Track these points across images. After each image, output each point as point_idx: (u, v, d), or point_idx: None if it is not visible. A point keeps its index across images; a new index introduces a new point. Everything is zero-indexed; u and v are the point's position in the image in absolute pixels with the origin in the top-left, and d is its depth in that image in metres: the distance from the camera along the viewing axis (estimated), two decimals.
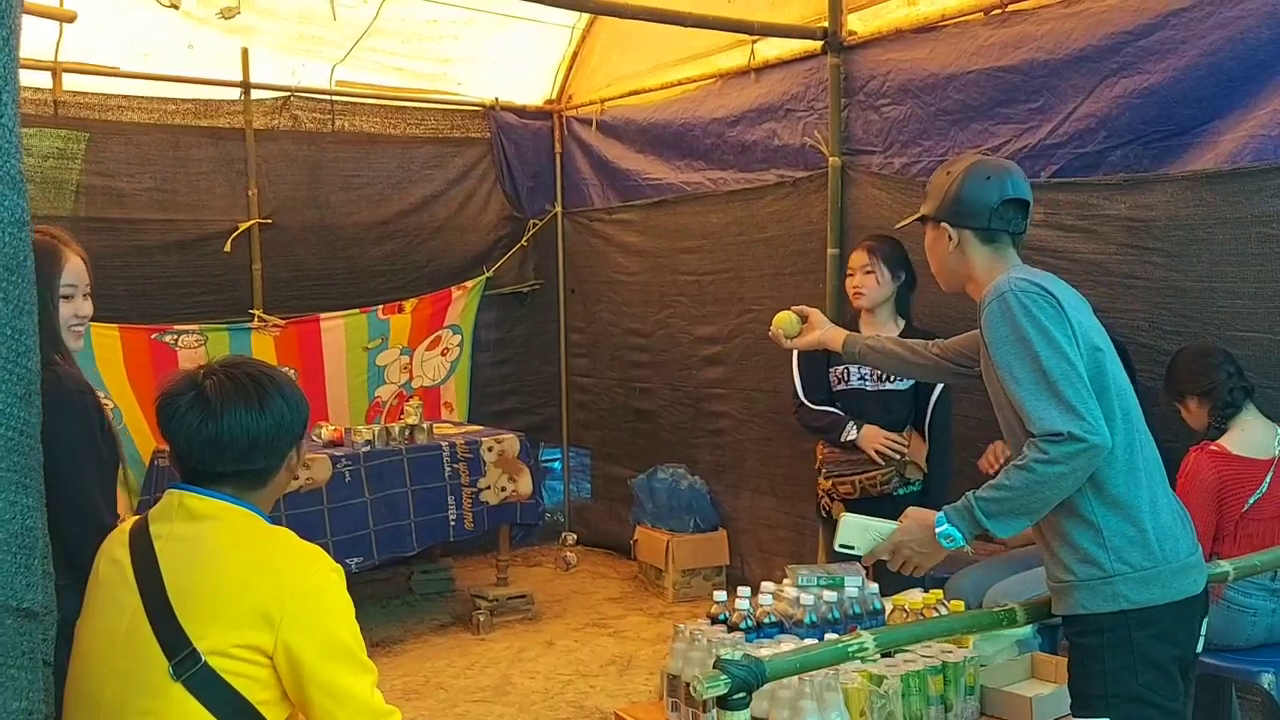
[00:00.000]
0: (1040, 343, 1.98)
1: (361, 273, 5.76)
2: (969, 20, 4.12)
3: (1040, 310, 2.01)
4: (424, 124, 5.95)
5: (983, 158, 2.30)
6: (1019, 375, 2.00)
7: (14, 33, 1.00)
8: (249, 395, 1.69)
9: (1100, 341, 2.09)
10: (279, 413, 1.71)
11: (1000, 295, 2.05)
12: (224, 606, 1.59)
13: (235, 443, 1.68)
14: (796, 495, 5.00)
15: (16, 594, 1.02)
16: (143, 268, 5.19)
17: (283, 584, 1.62)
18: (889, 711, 2.34)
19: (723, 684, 1.73)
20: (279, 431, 1.72)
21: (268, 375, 1.76)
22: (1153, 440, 2.14)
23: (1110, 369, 2.07)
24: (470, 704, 4.09)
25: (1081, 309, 2.12)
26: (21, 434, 1.02)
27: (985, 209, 2.18)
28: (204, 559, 1.63)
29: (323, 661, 1.62)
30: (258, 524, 1.71)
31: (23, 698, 1.03)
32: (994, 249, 2.21)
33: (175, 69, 5.14)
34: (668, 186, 5.64)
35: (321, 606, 1.65)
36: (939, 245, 2.27)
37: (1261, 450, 3.01)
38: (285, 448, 1.76)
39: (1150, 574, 2.01)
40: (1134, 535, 2.02)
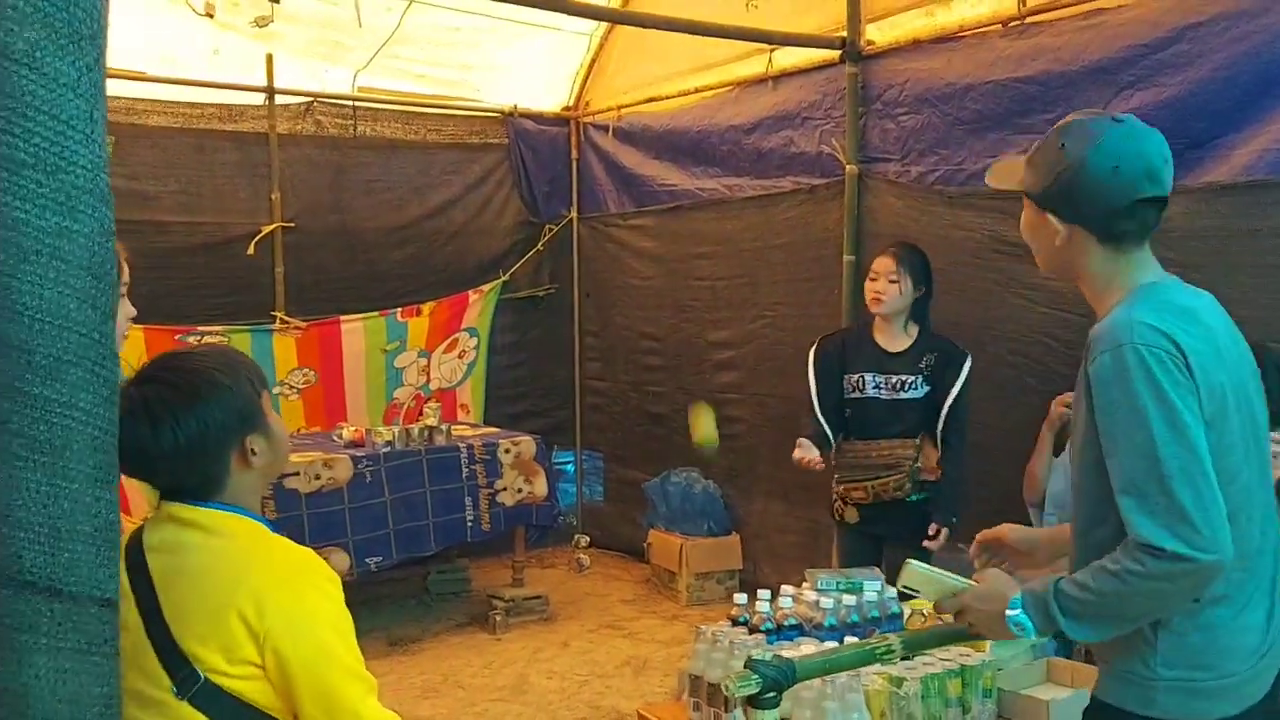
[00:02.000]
0: (1159, 422, 1.57)
1: (381, 276, 5.83)
2: (987, 31, 4.17)
3: (1166, 376, 1.58)
4: (444, 130, 6.01)
5: (1112, 126, 1.71)
6: (1124, 461, 1.60)
7: (103, 54, 1.06)
8: (139, 417, 1.54)
9: (1235, 400, 1.67)
10: (168, 437, 1.55)
11: (1118, 347, 1.62)
12: (214, 625, 1.53)
13: (144, 461, 1.57)
14: (809, 500, 5.04)
15: (100, 585, 1.07)
16: (167, 269, 5.26)
17: (266, 595, 1.54)
18: (909, 713, 2.39)
19: (754, 683, 1.78)
20: (184, 450, 1.56)
21: (165, 394, 1.57)
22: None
23: (1238, 441, 1.67)
24: (489, 702, 4.14)
25: (1218, 361, 1.67)
26: (106, 434, 1.08)
27: (1107, 210, 1.70)
28: (191, 574, 1.56)
29: (310, 667, 1.53)
30: (247, 531, 1.62)
31: (104, 683, 1.09)
32: (1117, 250, 1.74)
33: (201, 74, 5.22)
34: (684, 193, 5.70)
35: (306, 612, 1.56)
36: (1042, 231, 1.80)
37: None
38: (215, 454, 1.60)
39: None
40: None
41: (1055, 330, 3.89)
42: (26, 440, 1.02)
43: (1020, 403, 3.98)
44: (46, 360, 1.03)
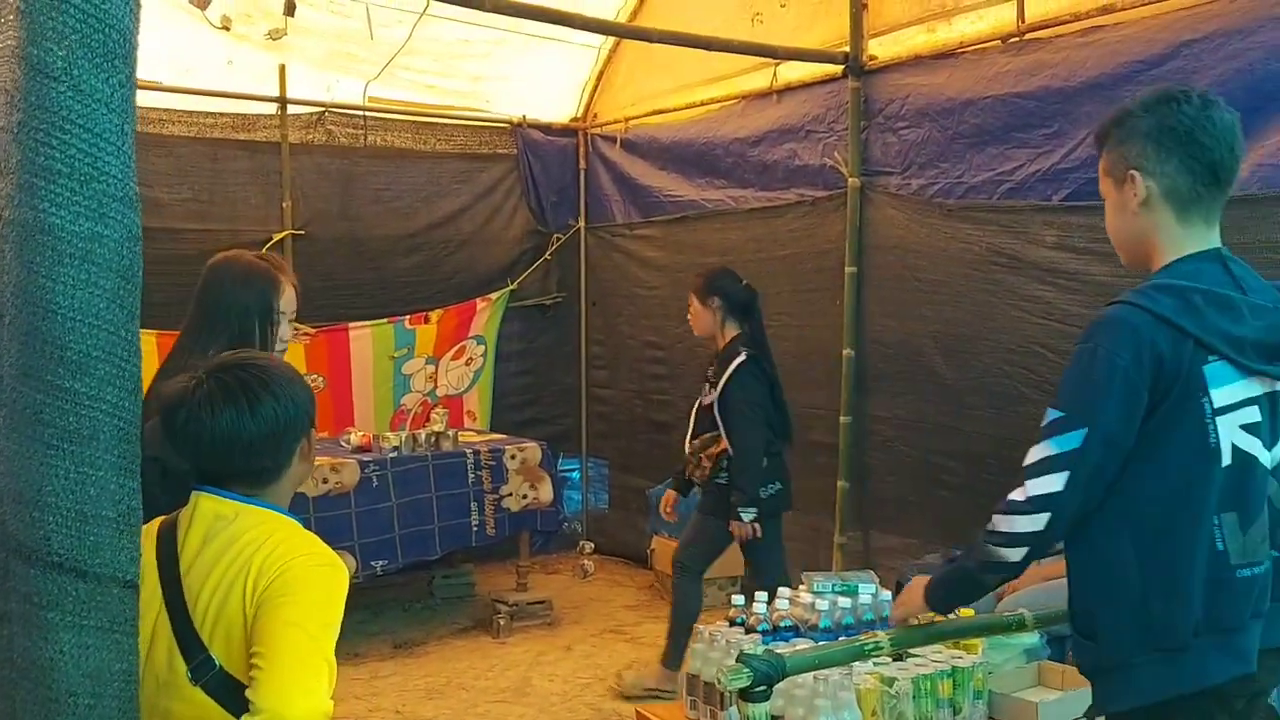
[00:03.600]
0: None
1: (390, 284, 5.91)
2: (987, 48, 4.24)
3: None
4: (453, 140, 6.10)
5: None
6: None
7: (133, 71, 1.14)
8: (238, 399, 1.66)
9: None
10: (269, 414, 1.67)
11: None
12: (226, 613, 1.58)
13: (231, 447, 1.66)
14: (809, 507, 5.09)
15: (122, 568, 1.14)
16: (179, 276, 5.27)
17: (275, 558, 1.60)
18: (899, 712, 2.44)
19: (745, 676, 1.84)
20: (275, 431, 1.69)
21: (258, 376, 1.71)
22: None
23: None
24: (491, 704, 4.20)
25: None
26: (130, 425, 1.15)
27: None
28: (214, 564, 1.62)
29: (274, 620, 1.54)
30: (268, 527, 1.68)
31: (124, 660, 1.16)
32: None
33: (215, 84, 5.31)
34: (689, 203, 5.78)
35: (305, 580, 1.60)
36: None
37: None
38: (289, 444, 1.73)
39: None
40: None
41: (1050, 341, 3.96)
42: (57, 430, 1.09)
43: (1015, 412, 4.05)
44: (77, 356, 1.10)
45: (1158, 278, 1.77)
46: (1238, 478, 1.72)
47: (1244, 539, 1.72)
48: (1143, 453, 1.71)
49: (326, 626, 1.59)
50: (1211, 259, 1.78)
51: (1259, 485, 1.75)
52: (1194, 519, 1.70)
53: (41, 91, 1.05)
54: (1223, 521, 1.71)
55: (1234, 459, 1.72)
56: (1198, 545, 1.70)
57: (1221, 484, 1.71)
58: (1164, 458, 1.71)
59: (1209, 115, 1.77)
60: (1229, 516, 1.71)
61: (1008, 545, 1.77)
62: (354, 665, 4.58)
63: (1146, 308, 1.70)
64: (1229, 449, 1.71)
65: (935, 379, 4.46)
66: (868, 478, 4.82)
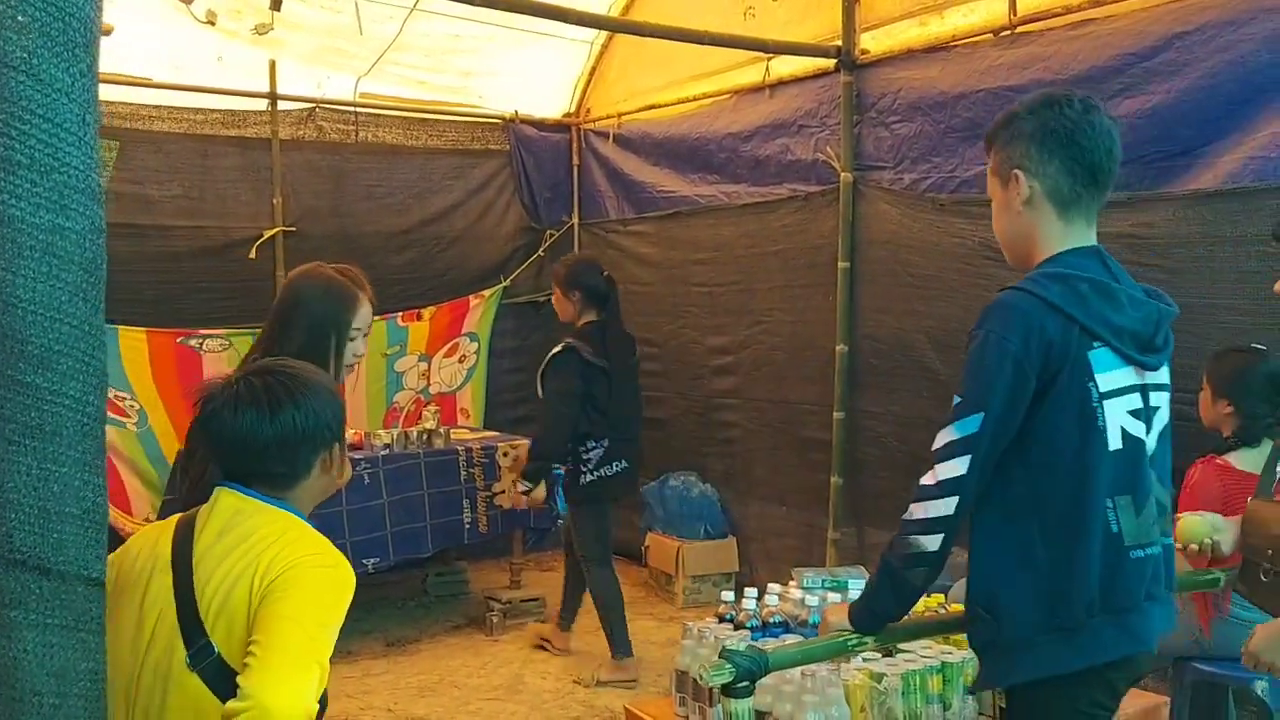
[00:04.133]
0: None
1: (382, 280, 5.76)
2: (979, 41, 4.23)
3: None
4: (445, 136, 6.08)
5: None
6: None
7: (95, 61, 1.12)
8: (259, 403, 1.73)
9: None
10: (287, 421, 1.73)
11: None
12: (231, 603, 1.61)
13: (247, 449, 1.72)
14: (805, 504, 5.09)
15: (87, 565, 1.13)
16: (170, 273, 5.33)
17: (284, 554, 1.64)
18: (888, 707, 2.43)
19: (728, 673, 1.83)
20: (290, 438, 1.73)
21: (285, 384, 1.76)
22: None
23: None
24: (483, 701, 4.19)
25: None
26: (94, 420, 1.14)
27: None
28: (226, 555, 1.66)
29: (275, 612, 1.57)
30: (283, 525, 1.72)
31: (90, 658, 1.14)
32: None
33: (205, 80, 5.29)
34: (682, 199, 5.76)
35: (297, 577, 1.61)
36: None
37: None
38: (306, 454, 1.77)
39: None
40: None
41: None
42: (19, 425, 1.08)
43: None
44: (39, 350, 1.09)
45: (1045, 267, 1.85)
46: (1128, 461, 1.79)
47: (1137, 521, 1.78)
48: (1040, 437, 1.77)
49: (325, 627, 1.61)
50: (1091, 254, 1.87)
51: (1147, 469, 1.82)
52: (1089, 501, 1.76)
53: (1, 82, 1.04)
54: (1117, 504, 1.77)
55: (1124, 443, 1.78)
56: (1093, 527, 1.76)
57: (1113, 467, 1.77)
58: (1058, 442, 1.76)
59: (1089, 119, 1.85)
60: (1123, 499, 1.78)
61: (926, 532, 1.81)
62: (347, 663, 4.56)
63: (1035, 293, 1.77)
64: (1118, 433, 1.78)
65: (928, 374, 4.44)
66: (861, 473, 4.81)
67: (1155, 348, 1.85)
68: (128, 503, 5.09)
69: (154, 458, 5.20)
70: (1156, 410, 1.87)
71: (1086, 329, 1.76)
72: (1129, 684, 1.89)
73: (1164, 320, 1.88)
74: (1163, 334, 1.88)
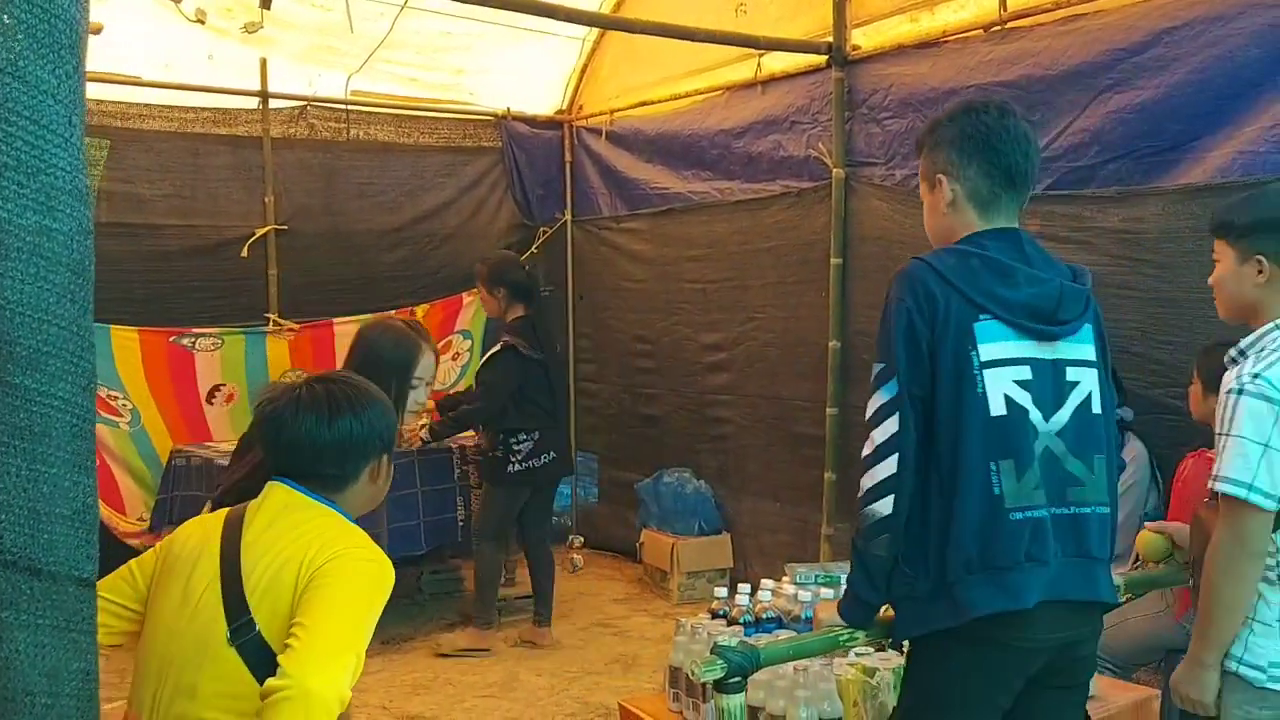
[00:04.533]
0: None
1: (375, 278, 5.88)
2: (969, 37, 4.24)
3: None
4: (437, 133, 6.08)
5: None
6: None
7: (82, 62, 1.12)
8: (320, 408, 1.85)
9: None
10: (344, 428, 1.84)
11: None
12: (279, 584, 1.70)
13: (303, 449, 1.84)
14: (798, 500, 5.10)
15: (78, 565, 1.13)
16: (161, 272, 5.32)
17: (330, 547, 1.73)
18: (881, 702, 2.44)
19: (719, 668, 1.84)
20: (344, 445, 1.84)
21: (346, 393, 1.88)
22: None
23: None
24: (477, 699, 4.19)
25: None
26: (83, 421, 1.14)
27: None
28: (275, 541, 1.75)
29: (330, 596, 1.65)
30: (332, 519, 1.82)
31: (82, 659, 1.14)
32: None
33: (195, 79, 5.29)
34: (675, 196, 5.76)
35: (353, 571, 1.71)
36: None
37: None
38: (357, 460, 1.87)
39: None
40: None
41: None
42: (8, 427, 1.07)
43: None
44: (28, 352, 1.09)
45: (954, 245, 1.97)
46: (1011, 428, 1.85)
47: (1018, 484, 1.84)
48: (932, 400, 1.87)
49: (364, 617, 1.69)
50: (1003, 236, 1.96)
51: (1030, 437, 1.86)
52: (967, 463, 1.84)
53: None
54: (1000, 467, 1.84)
55: (1007, 410, 1.85)
56: (975, 488, 1.84)
57: (995, 432, 1.85)
58: (942, 405, 1.86)
59: (1004, 124, 1.96)
60: (1005, 463, 1.84)
61: (877, 498, 1.89)
62: None
63: (930, 262, 1.91)
64: (1000, 400, 1.85)
65: None
66: (854, 468, 4.79)
67: (1057, 321, 1.91)
68: (120, 502, 5.09)
69: (147, 456, 5.19)
70: (1075, 385, 1.92)
71: (971, 300, 1.86)
72: (1038, 651, 1.89)
73: (1067, 296, 1.92)
74: (1068, 309, 1.92)
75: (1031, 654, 1.89)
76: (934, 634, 1.92)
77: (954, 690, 1.92)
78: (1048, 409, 1.89)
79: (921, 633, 1.93)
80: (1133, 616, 3.23)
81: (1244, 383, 1.97)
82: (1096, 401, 1.94)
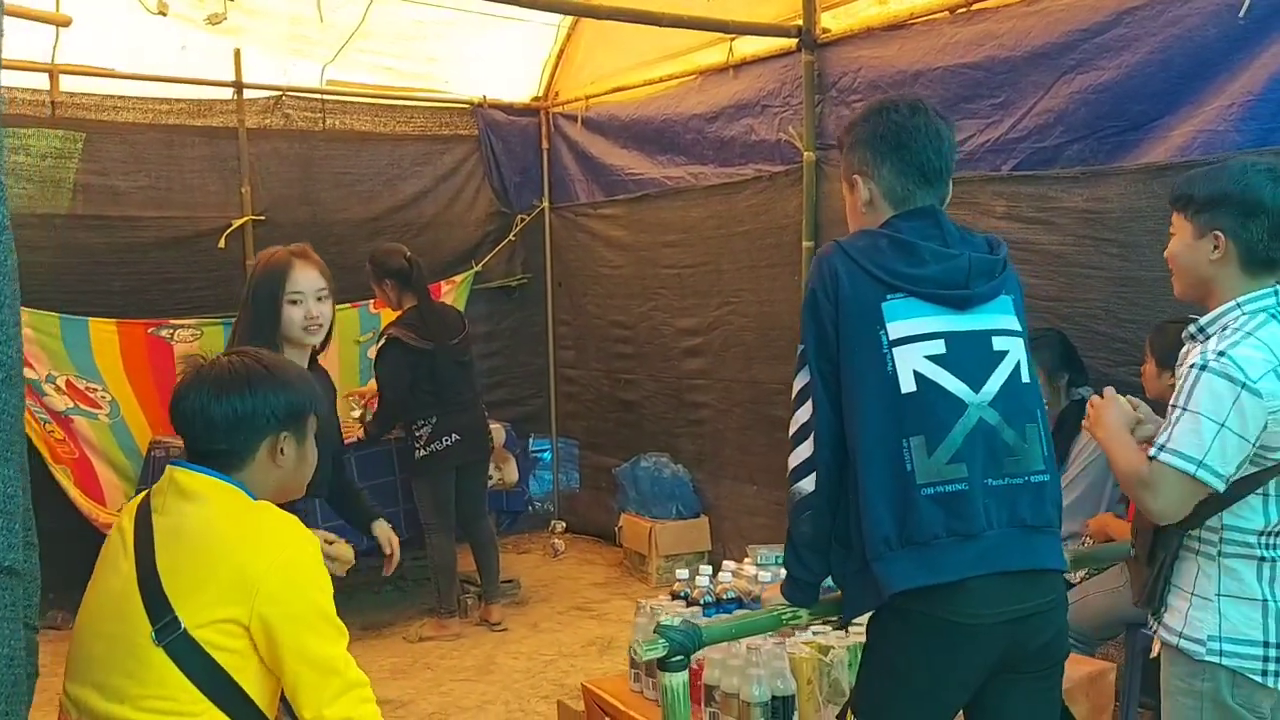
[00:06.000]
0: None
1: (353, 268, 5.80)
2: (935, 19, 4.24)
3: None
4: (413, 122, 6.07)
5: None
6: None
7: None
8: (212, 382, 1.84)
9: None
10: (234, 403, 1.82)
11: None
12: (203, 581, 1.68)
13: (195, 421, 1.83)
14: (775, 482, 5.13)
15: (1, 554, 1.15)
16: (139, 264, 5.33)
17: (258, 558, 1.71)
18: (834, 679, 2.48)
19: (661, 647, 1.87)
20: (235, 419, 1.82)
21: (246, 368, 1.86)
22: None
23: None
24: (455, 683, 4.23)
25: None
26: (8, 412, 1.16)
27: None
28: (189, 533, 1.74)
29: (297, 629, 1.70)
30: (238, 499, 1.81)
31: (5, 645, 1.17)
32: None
33: (169, 70, 5.27)
34: (650, 181, 5.77)
35: (296, 577, 1.72)
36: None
37: None
38: (248, 436, 1.84)
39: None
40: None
41: None
42: None
43: None
44: None
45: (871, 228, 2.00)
46: (922, 404, 1.87)
47: (930, 460, 1.86)
48: (843, 380, 1.91)
49: (325, 613, 1.75)
50: (918, 215, 1.97)
51: (945, 412, 1.87)
52: (882, 441, 1.87)
53: None
54: (911, 444, 1.86)
55: (918, 386, 1.87)
56: (887, 465, 1.86)
57: (906, 410, 1.86)
58: (855, 386, 1.89)
59: (915, 122, 1.97)
60: (916, 440, 1.86)
61: (800, 477, 1.94)
62: None
63: (841, 244, 1.96)
64: (910, 377, 1.87)
65: None
66: None
67: (970, 293, 1.92)
68: (101, 494, 5.10)
69: (127, 448, 5.20)
70: (1003, 355, 1.93)
71: (879, 279, 1.89)
72: (985, 627, 1.86)
73: (977, 268, 1.93)
74: (980, 281, 1.93)
75: (979, 630, 1.86)
76: (880, 612, 1.93)
77: (899, 668, 1.93)
78: (975, 381, 1.89)
79: (857, 611, 1.97)
80: (1094, 592, 3.28)
81: (1208, 359, 1.94)
82: (1025, 370, 1.96)
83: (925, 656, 1.89)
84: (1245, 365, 1.91)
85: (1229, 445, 1.91)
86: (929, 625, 1.88)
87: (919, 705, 1.92)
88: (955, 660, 1.89)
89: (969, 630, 1.87)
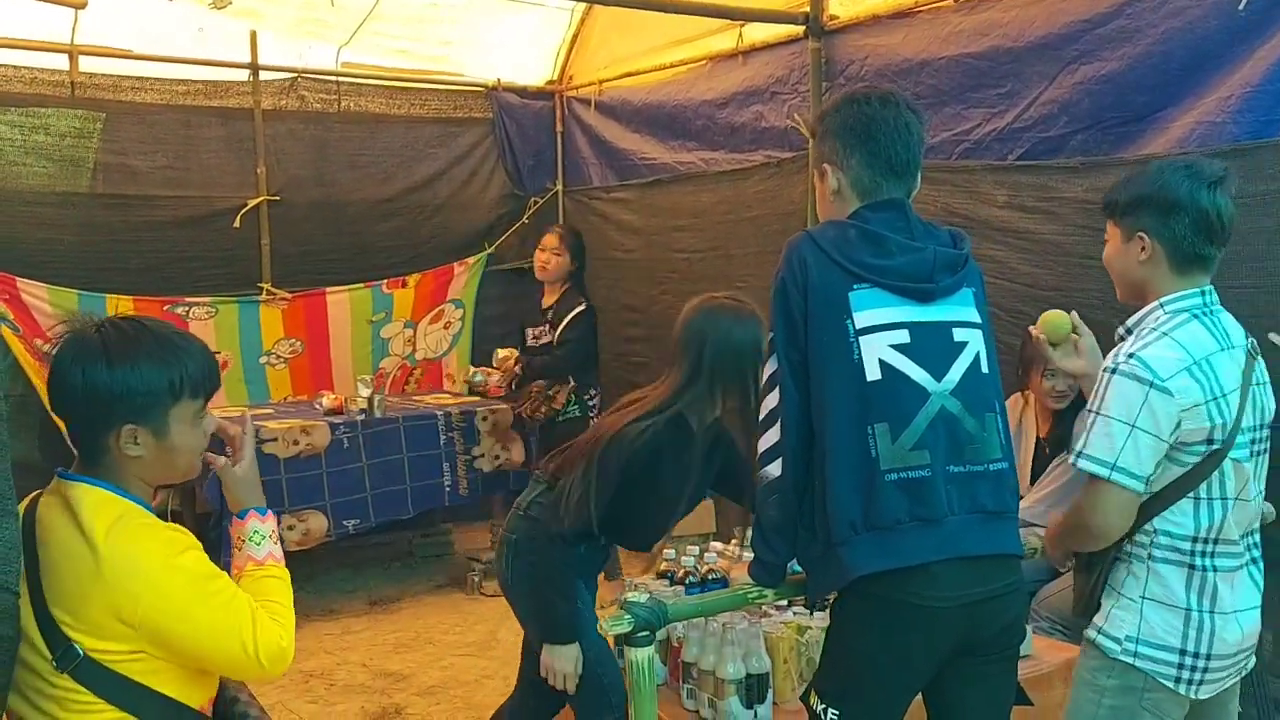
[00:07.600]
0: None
1: (367, 248, 5.97)
2: (941, 7, 4.24)
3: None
4: (428, 104, 6.13)
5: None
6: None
7: None
8: (78, 349, 1.64)
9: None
10: (90, 378, 1.61)
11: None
12: (82, 613, 1.58)
13: (55, 393, 1.66)
14: None
15: None
16: (156, 242, 5.43)
17: (128, 588, 1.57)
18: (810, 658, 2.54)
19: (626, 623, 1.93)
20: (86, 398, 1.62)
21: (104, 339, 1.63)
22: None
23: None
24: (455, 657, 4.32)
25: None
26: None
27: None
28: (59, 558, 1.60)
29: (183, 617, 1.59)
30: (102, 513, 1.62)
31: None
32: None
33: (186, 52, 5.36)
34: (662, 166, 5.80)
35: (171, 597, 1.59)
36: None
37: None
38: (102, 422, 1.63)
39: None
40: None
41: (1002, 300, 3.97)
42: None
43: None
44: None
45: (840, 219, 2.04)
46: (887, 392, 1.91)
47: (894, 447, 1.90)
48: (810, 369, 1.95)
49: (203, 577, 1.63)
50: (887, 207, 2.01)
51: (909, 400, 1.92)
52: (848, 427, 1.91)
53: None
54: (875, 431, 1.90)
55: (883, 374, 1.91)
56: (852, 451, 1.90)
57: (870, 397, 1.91)
58: (822, 373, 1.93)
59: (885, 115, 2.00)
60: (881, 426, 1.90)
61: (767, 462, 1.98)
62: (328, 621, 4.71)
63: (811, 235, 1.99)
64: (875, 365, 1.91)
65: None
66: None
67: (934, 286, 1.96)
68: None
69: None
70: (963, 345, 1.98)
71: (847, 270, 1.93)
72: (947, 611, 1.90)
73: (941, 261, 1.97)
74: (944, 273, 1.98)
75: (940, 614, 1.90)
76: (844, 595, 1.98)
77: (861, 649, 1.97)
78: (937, 370, 1.94)
79: (820, 593, 2.02)
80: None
81: (1118, 362, 1.99)
82: (985, 361, 2.00)
83: (887, 639, 1.94)
84: (1154, 365, 1.95)
85: (1142, 445, 1.94)
86: (891, 608, 1.92)
87: (880, 686, 1.97)
88: (916, 642, 1.94)
89: (930, 613, 1.91)
